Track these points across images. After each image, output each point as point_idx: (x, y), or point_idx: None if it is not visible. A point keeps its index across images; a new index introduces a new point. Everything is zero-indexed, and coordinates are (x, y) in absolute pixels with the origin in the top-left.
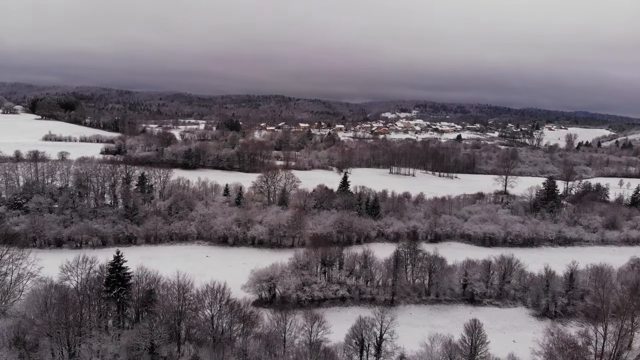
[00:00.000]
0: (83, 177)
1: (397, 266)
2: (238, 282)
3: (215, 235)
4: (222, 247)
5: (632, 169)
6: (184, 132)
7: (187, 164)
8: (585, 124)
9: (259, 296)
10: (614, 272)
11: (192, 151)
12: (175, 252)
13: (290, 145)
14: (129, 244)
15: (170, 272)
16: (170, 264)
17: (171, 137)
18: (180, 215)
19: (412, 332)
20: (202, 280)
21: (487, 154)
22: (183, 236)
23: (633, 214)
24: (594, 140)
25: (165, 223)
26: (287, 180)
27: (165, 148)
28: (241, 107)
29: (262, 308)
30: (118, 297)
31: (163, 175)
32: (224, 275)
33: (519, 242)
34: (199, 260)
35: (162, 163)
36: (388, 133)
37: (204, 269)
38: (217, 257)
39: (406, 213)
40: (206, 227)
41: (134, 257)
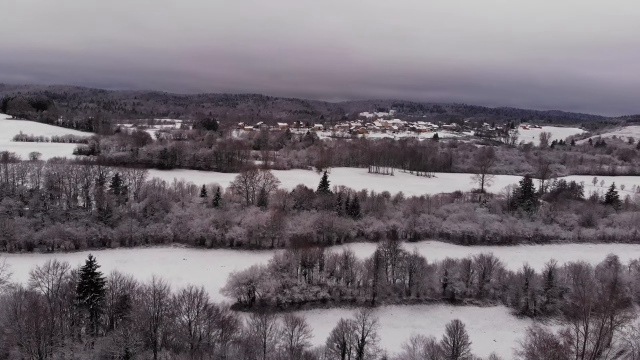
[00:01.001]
0: (55, 179)
1: (378, 266)
2: (216, 286)
3: (192, 238)
4: (200, 250)
5: (605, 167)
6: (160, 131)
7: (162, 164)
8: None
9: (238, 300)
10: (591, 270)
11: (168, 151)
12: (151, 255)
13: (269, 144)
14: (103, 247)
15: (145, 276)
16: (145, 268)
17: (146, 137)
18: (155, 217)
19: (393, 334)
20: (178, 285)
21: (464, 152)
22: (159, 239)
23: (608, 212)
24: (568, 139)
25: (141, 225)
26: (266, 180)
27: (140, 148)
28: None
29: (241, 312)
30: (91, 304)
31: (138, 176)
32: (201, 278)
33: (497, 240)
34: (175, 263)
35: (137, 163)
36: (366, 132)
37: (181, 272)
38: (194, 259)
39: (386, 212)
40: (183, 229)
41: (108, 261)
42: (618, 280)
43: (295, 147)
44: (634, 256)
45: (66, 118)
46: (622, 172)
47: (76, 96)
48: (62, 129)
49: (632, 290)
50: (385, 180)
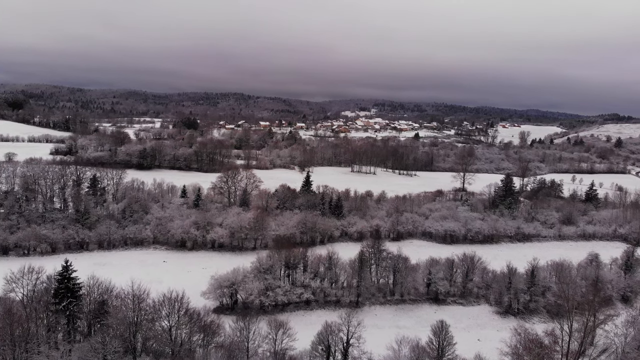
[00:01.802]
0: (30, 180)
1: (362, 267)
2: (197, 289)
3: (173, 239)
4: (180, 252)
5: (583, 165)
6: (139, 131)
7: (142, 164)
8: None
9: (220, 303)
10: (573, 268)
11: (147, 151)
12: (130, 257)
13: (251, 144)
14: (81, 250)
15: (125, 279)
16: (125, 271)
17: (125, 136)
18: (134, 219)
19: (378, 334)
20: (159, 288)
21: (445, 151)
22: (138, 241)
23: (588, 210)
24: (547, 138)
25: (119, 227)
26: (248, 180)
27: (119, 148)
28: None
29: (223, 315)
30: (68, 310)
31: (116, 177)
32: (182, 281)
33: (479, 238)
34: (155, 265)
35: (115, 164)
36: (349, 131)
37: (161, 275)
38: (175, 262)
39: (369, 212)
40: (163, 231)
41: (86, 264)
42: (600, 278)
43: (278, 146)
44: (614, 254)
45: (43, 117)
46: (600, 170)
47: (53, 95)
48: (38, 129)
49: (614, 288)
50: (368, 179)
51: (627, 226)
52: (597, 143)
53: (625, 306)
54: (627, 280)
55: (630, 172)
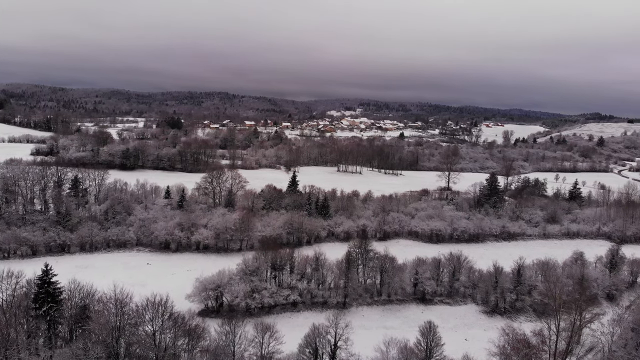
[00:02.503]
0: (10, 181)
1: (349, 267)
2: (182, 291)
3: (157, 241)
4: (164, 254)
5: (566, 163)
6: (122, 130)
7: (125, 164)
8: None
9: (205, 305)
10: (559, 267)
11: (130, 151)
12: (113, 260)
13: (236, 143)
14: (62, 252)
15: (107, 282)
16: (107, 274)
17: (108, 136)
18: (117, 221)
19: (365, 336)
20: (142, 292)
21: (430, 151)
22: (121, 243)
23: (572, 208)
24: (530, 137)
25: (102, 229)
26: (234, 181)
27: (101, 148)
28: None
29: (208, 318)
30: (48, 315)
31: (98, 178)
32: (166, 284)
33: (465, 238)
34: (138, 268)
35: (98, 164)
36: (334, 131)
37: (145, 278)
38: (159, 264)
39: (355, 212)
40: (146, 233)
41: (67, 267)
42: (585, 277)
43: (263, 146)
44: (598, 252)
45: (24, 117)
46: (583, 169)
47: (35, 95)
48: (19, 129)
49: (599, 287)
50: (354, 179)
51: (611, 224)
52: (579, 142)
53: (611, 304)
54: (612, 278)
55: (613, 170)
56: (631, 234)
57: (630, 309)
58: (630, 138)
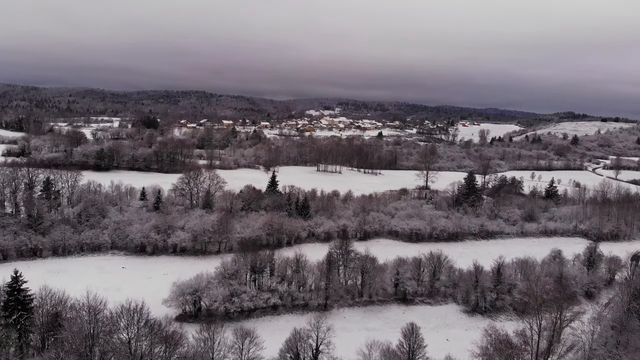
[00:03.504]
0: None
1: (330, 268)
2: (159, 296)
3: (132, 244)
4: (140, 257)
5: (542, 162)
6: (97, 130)
7: (99, 165)
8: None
9: (183, 310)
10: (537, 265)
11: (104, 151)
12: (87, 264)
13: (214, 143)
14: (34, 256)
15: (81, 287)
16: (81, 278)
17: (81, 136)
18: (91, 223)
19: (347, 338)
20: (117, 297)
21: (408, 150)
22: (95, 246)
23: (549, 206)
24: (506, 135)
25: (75, 232)
26: (212, 181)
27: (74, 148)
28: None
29: (186, 323)
30: (19, 323)
31: (71, 179)
32: (142, 288)
33: (444, 236)
34: (113, 272)
35: (71, 165)
36: (313, 130)
37: (120, 282)
38: (135, 268)
39: (336, 212)
40: (121, 236)
41: (40, 272)
42: (564, 275)
43: (242, 145)
44: (575, 249)
45: None
46: (558, 167)
47: (6, 94)
48: None
49: (578, 284)
50: (334, 178)
51: (587, 222)
52: (554, 141)
53: (589, 302)
54: (591, 276)
55: (587, 168)
56: (607, 231)
57: (609, 306)
58: (604, 136)
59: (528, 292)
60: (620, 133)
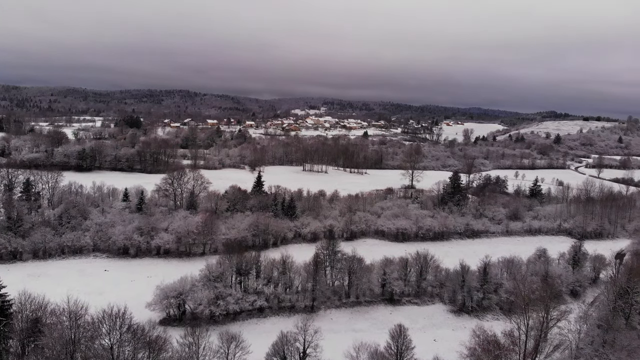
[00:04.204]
0: None
1: (317, 270)
2: (142, 299)
3: (115, 246)
4: (123, 259)
5: (525, 161)
6: (78, 130)
7: (81, 165)
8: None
9: (167, 314)
10: (523, 264)
11: (86, 151)
12: (68, 267)
13: (198, 143)
14: (14, 260)
15: (62, 290)
16: (62, 282)
17: (63, 136)
18: (72, 225)
19: (334, 340)
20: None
21: (393, 149)
22: (77, 249)
23: (533, 205)
24: (489, 135)
25: (56, 235)
26: (196, 182)
27: (56, 149)
28: (142, 103)
29: (170, 327)
30: None
31: (52, 180)
32: (125, 291)
33: (430, 236)
34: (96, 275)
35: (52, 166)
36: (299, 130)
37: (102, 286)
38: (117, 270)
39: (322, 212)
40: (103, 238)
41: (19, 276)
42: (549, 274)
43: (227, 145)
44: (560, 248)
45: None
46: (541, 166)
47: None
48: None
49: (563, 283)
50: (320, 178)
51: (572, 221)
52: (537, 140)
53: (575, 300)
54: (576, 274)
55: (570, 167)
56: (591, 230)
57: (595, 305)
58: (586, 135)
59: (515, 292)
60: (602, 132)
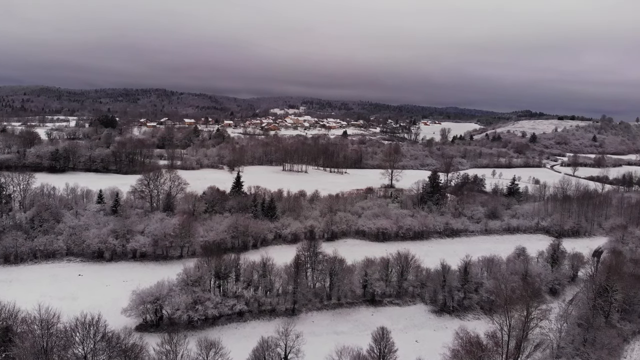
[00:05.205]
0: None
1: (298, 272)
2: (117, 305)
3: (89, 250)
4: (97, 263)
5: (502, 159)
6: (52, 130)
7: (54, 166)
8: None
9: (144, 319)
10: (503, 263)
11: (60, 152)
12: (41, 272)
13: (175, 142)
14: None
15: (34, 296)
16: (34, 287)
17: (35, 137)
18: (45, 229)
19: (316, 343)
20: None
21: (373, 149)
22: (49, 253)
23: (511, 204)
24: (466, 134)
25: (28, 238)
26: (173, 183)
27: (28, 149)
28: (118, 102)
29: (147, 333)
30: None
31: (23, 182)
32: (100, 296)
33: (411, 235)
34: (69, 280)
35: (24, 167)
36: (278, 129)
37: (76, 291)
38: (92, 275)
39: (303, 212)
40: (77, 241)
41: None
42: (529, 272)
43: (205, 145)
44: (538, 246)
45: None
46: (517, 165)
47: None
48: None
49: (542, 281)
50: (300, 178)
51: (549, 219)
52: (513, 139)
53: (554, 299)
54: (555, 273)
55: (545, 166)
56: (568, 228)
57: (574, 303)
58: (561, 134)
59: (496, 291)
60: (576, 131)
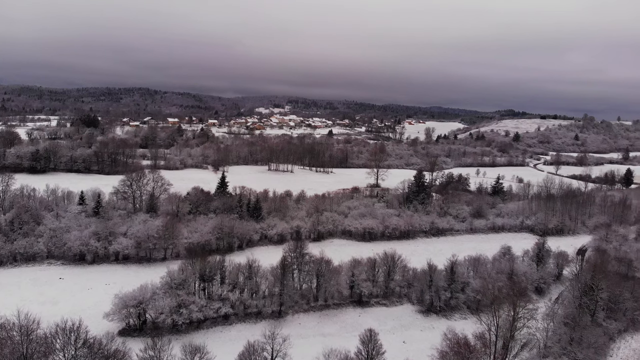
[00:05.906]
0: None
1: (284, 273)
2: (100, 309)
3: (70, 253)
4: (79, 266)
5: (486, 158)
6: (32, 130)
7: (34, 167)
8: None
9: (127, 324)
10: (489, 262)
11: (40, 152)
12: (20, 275)
13: (159, 142)
14: None
15: (14, 300)
16: (14, 291)
17: (15, 137)
18: (25, 231)
19: (303, 345)
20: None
21: (358, 148)
22: (30, 256)
23: (496, 203)
24: (451, 133)
25: (7, 241)
26: (156, 183)
27: (7, 150)
28: (100, 101)
29: (130, 338)
30: None
31: (3, 183)
32: (82, 300)
33: (397, 235)
34: (50, 284)
35: (3, 168)
36: (264, 129)
37: (57, 295)
38: (73, 278)
39: (289, 213)
40: (58, 244)
41: None
42: (514, 271)
43: (189, 144)
44: (523, 244)
45: None
46: (501, 163)
47: None
48: None
49: (528, 280)
50: (285, 177)
51: (533, 217)
52: (497, 138)
53: (540, 297)
54: (540, 272)
55: (529, 164)
56: (553, 226)
57: (559, 302)
58: (544, 133)
59: (483, 290)
60: (559, 130)
